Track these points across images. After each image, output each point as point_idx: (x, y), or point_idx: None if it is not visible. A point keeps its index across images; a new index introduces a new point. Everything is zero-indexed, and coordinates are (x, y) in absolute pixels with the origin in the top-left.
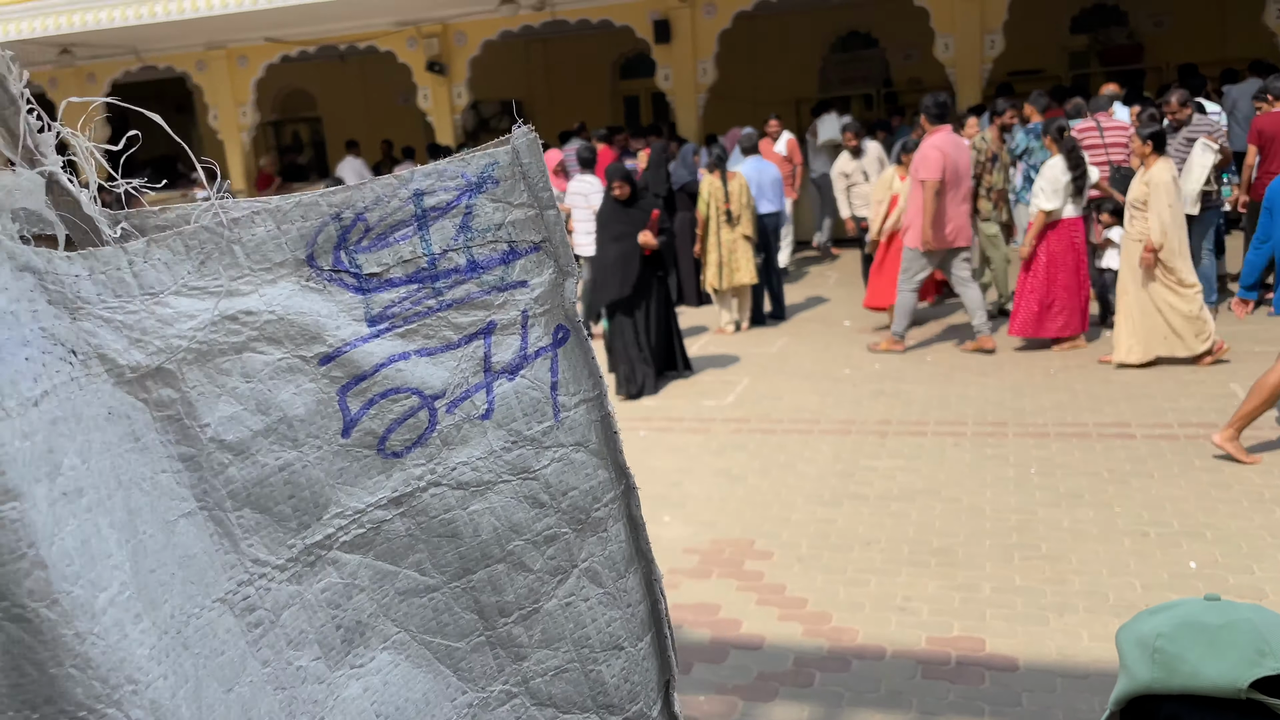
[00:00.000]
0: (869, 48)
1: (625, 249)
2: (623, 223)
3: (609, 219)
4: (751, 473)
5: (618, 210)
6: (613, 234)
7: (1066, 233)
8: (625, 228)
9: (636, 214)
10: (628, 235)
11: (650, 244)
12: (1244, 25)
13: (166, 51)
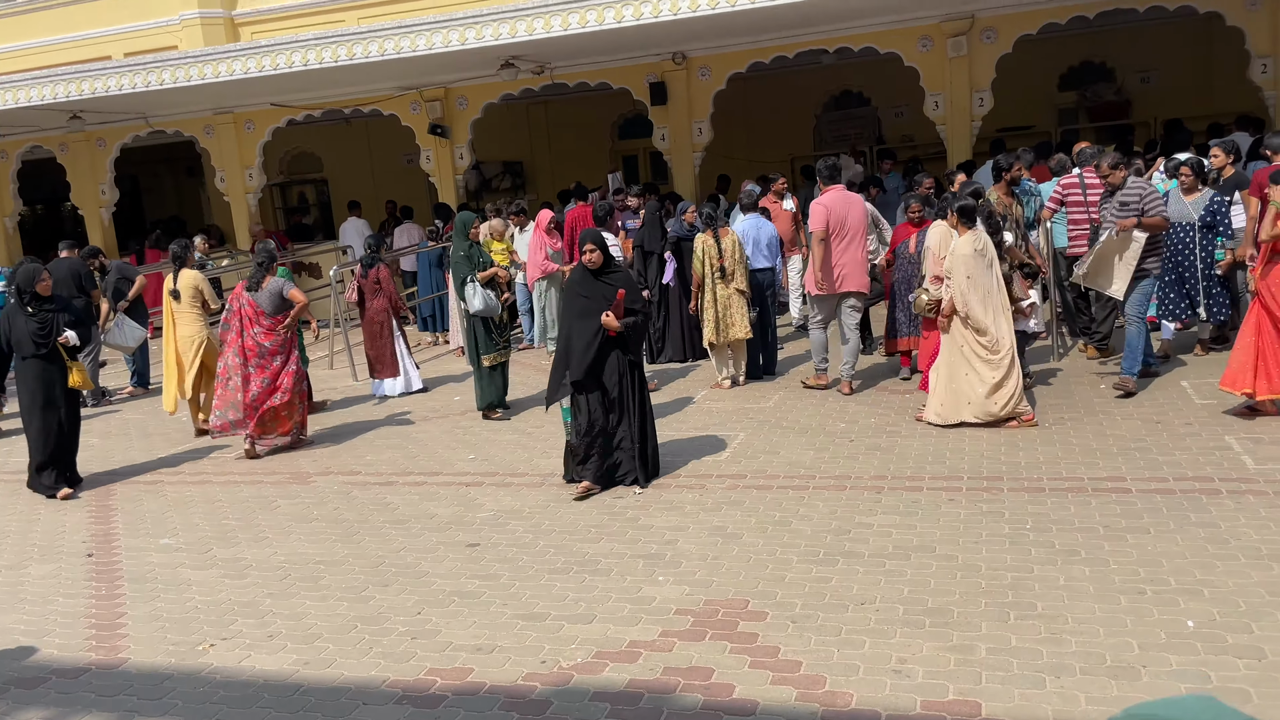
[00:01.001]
0: (861, 106)
1: (588, 328)
2: (589, 296)
3: (576, 290)
4: (747, 530)
5: (587, 281)
6: (578, 309)
7: None
8: (591, 303)
9: (605, 288)
10: (593, 313)
11: (611, 327)
12: (1229, 80)
13: (174, 116)
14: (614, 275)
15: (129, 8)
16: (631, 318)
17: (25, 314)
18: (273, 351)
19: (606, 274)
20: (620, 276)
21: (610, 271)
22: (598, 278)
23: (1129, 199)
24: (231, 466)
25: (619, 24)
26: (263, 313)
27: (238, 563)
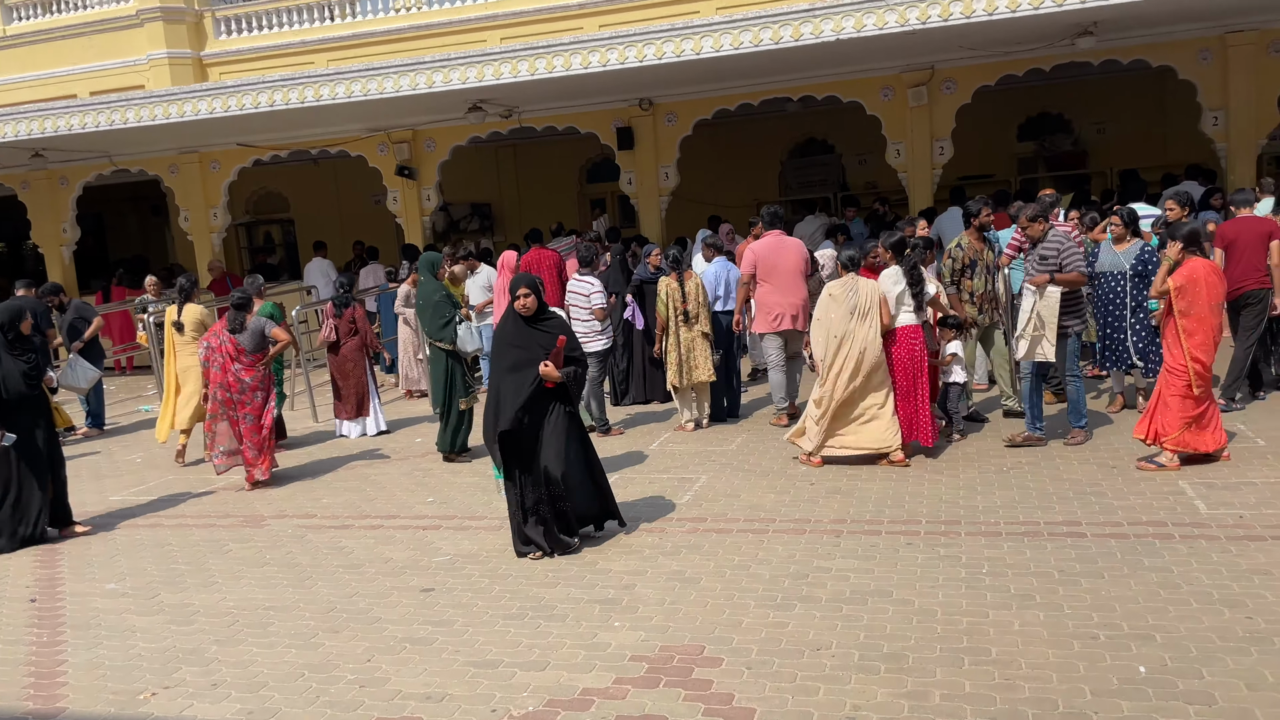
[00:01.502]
0: (826, 153)
1: (522, 380)
2: (523, 346)
3: (508, 340)
4: (705, 574)
5: (520, 328)
6: (509, 361)
7: (905, 342)
8: (524, 352)
9: (541, 336)
10: (526, 363)
11: (552, 377)
12: (1182, 132)
13: (139, 155)
14: (550, 322)
15: (96, 47)
16: (572, 367)
17: (11, 354)
18: (253, 388)
19: (541, 321)
20: (557, 323)
21: (545, 319)
22: (532, 325)
23: (1048, 253)
24: (184, 509)
25: (586, 70)
26: (243, 350)
27: (185, 608)
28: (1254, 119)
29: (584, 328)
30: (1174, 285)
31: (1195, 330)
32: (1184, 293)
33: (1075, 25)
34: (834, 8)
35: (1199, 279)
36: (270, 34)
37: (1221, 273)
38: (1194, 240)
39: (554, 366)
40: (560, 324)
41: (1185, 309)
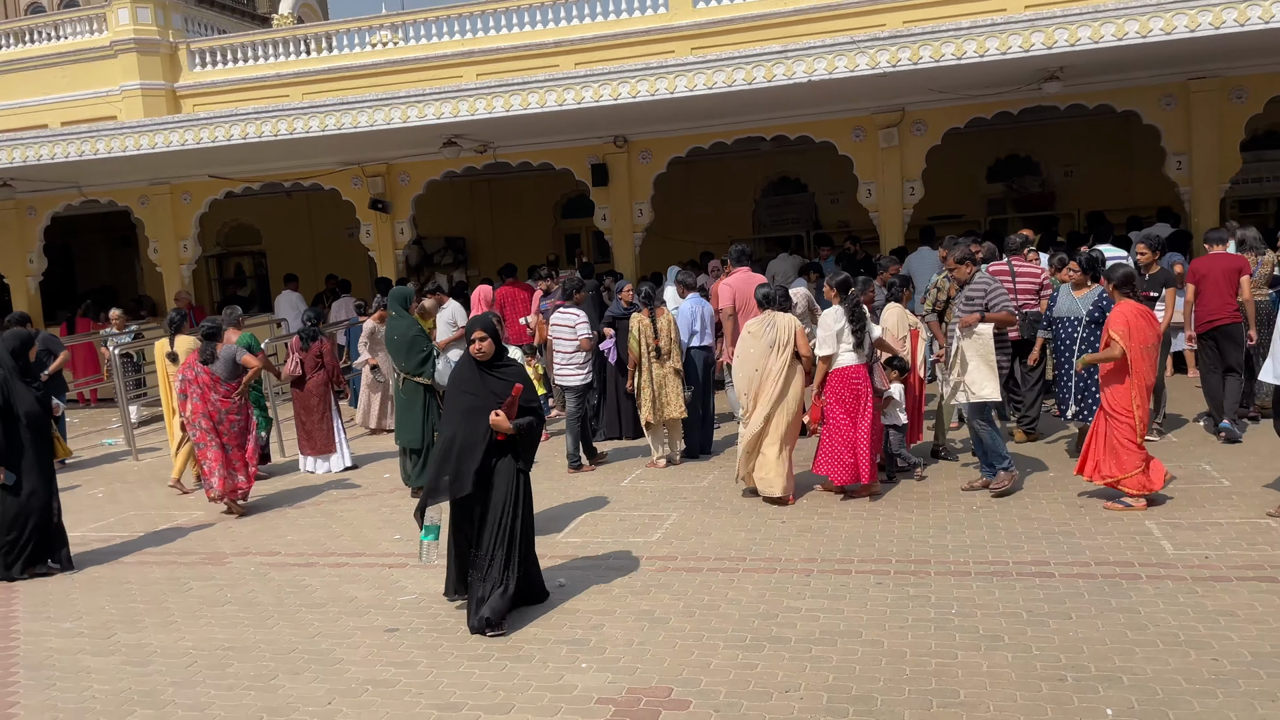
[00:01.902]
0: (799, 192)
1: (475, 429)
2: (476, 393)
3: (461, 386)
4: (675, 614)
5: (475, 374)
6: (462, 408)
7: (847, 380)
8: (477, 400)
9: (496, 383)
10: (479, 412)
11: (503, 429)
12: (1147, 176)
13: (109, 186)
14: (507, 369)
15: (69, 77)
16: (526, 418)
17: (23, 381)
18: (231, 417)
19: (498, 367)
20: (515, 370)
21: (503, 364)
22: (488, 371)
23: (974, 294)
24: (145, 545)
25: (560, 107)
26: (219, 379)
27: (142, 649)
28: (1217, 163)
29: (567, 360)
30: (1116, 333)
31: (1136, 374)
32: (1122, 338)
33: (1042, 70)
34: (806, 50)
35: (1130, 323)
36: (245, 66)
37: (1151, 315)
38: (1128, 283)
39: (506, 417)
40: (518, 371)
41: (1127, 353)
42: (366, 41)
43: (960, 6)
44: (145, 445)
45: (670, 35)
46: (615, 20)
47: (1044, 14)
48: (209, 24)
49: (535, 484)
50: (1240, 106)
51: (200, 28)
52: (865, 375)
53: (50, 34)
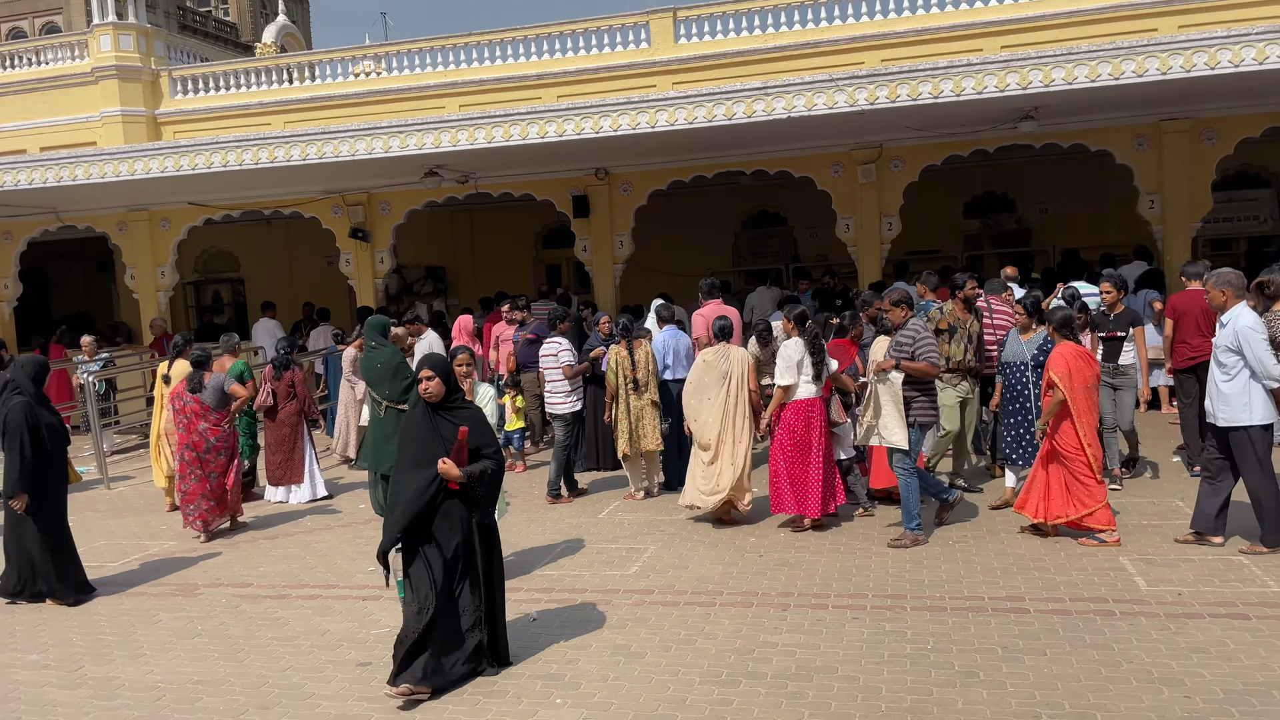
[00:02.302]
0: (778, 225)
1: (424, 478)
2: (425, 438)
3: (411, 431)
4: (651, 649)
5: (425, 417)
6: (411, 456)
7: (801, 412)
8: (426, 445)
9: (446, 426)
10: (428, 459)
11: (451, 477)
12: (1121, 214)
13: (87, 212)
14: (459, 411)
15: (49, 102)
16: (480, 465)
17: (46, 408)
18: (217, 447)
19: (449, 409)
20: (467, 413)
21: (455, 406)
22: (438, 413)
23: (904, 340)
24: (114, 576)
25: (542, 139)
26: (208, 408)
27: (109, 682)
28: (1188, 203)
29: (557, 388)
30: (1056, 375)
31: (1079, 413)
32: (1064, 379)
33: (1017, 110)
34: (786, 87)
35: (1069, 364)
36: (227, 94)
37: (1090, 356)
38: (1066, 326)
39: (453, 464)
40: (470, 414)
41: (1068, 394)
42: (350, 72)
43: (938, 46)
44: (117, 474)
45: (652, 70)
46: (598, 54)
47: (1019, 55)
48: (192, 51)
49: (513, 515)
50: (1211, 147)
51: (183, 55)
52: (820, 408)
53: (31, 59)
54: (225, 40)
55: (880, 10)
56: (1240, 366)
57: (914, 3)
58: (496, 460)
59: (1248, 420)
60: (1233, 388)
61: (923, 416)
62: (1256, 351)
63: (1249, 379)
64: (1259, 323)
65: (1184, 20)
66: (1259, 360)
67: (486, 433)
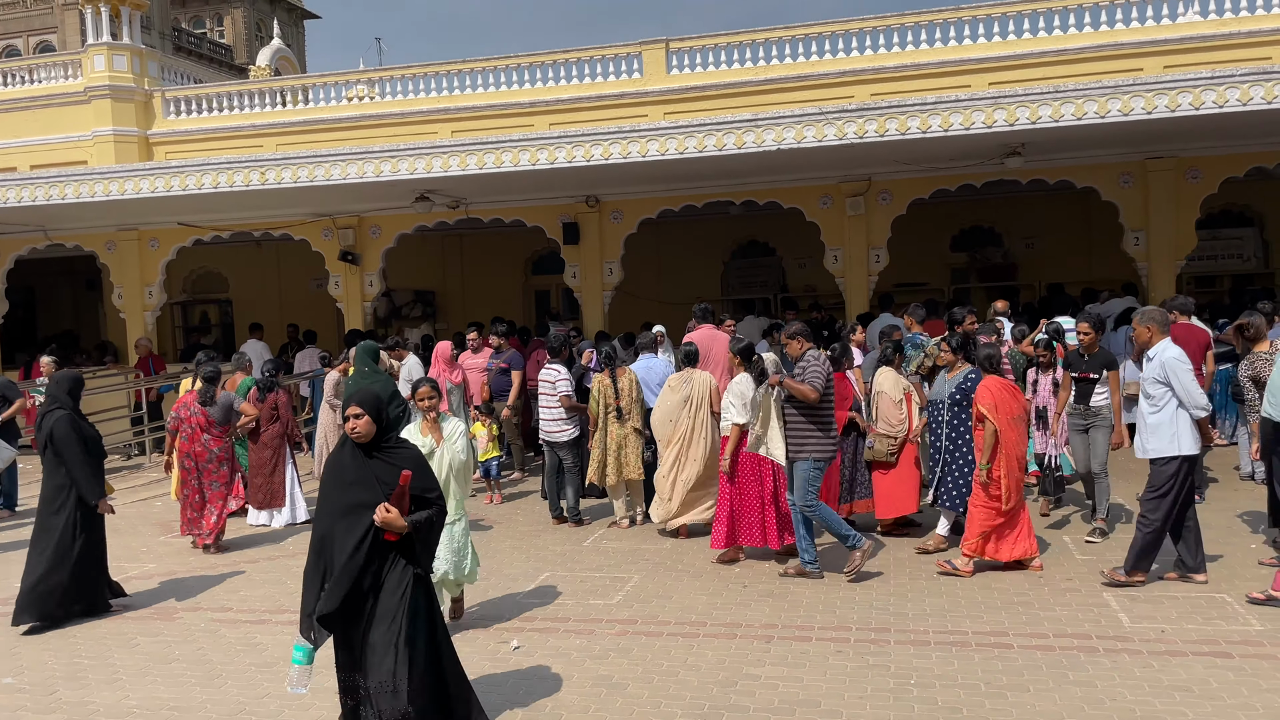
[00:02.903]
0: (767, 255)
1: (354, 529)
2: (357, 482)
3: (338, 474)
4: (633, 680)
5: (355, 459)
6: (339, 504)
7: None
8: (358, 494)
9: (383, 468)
10: (360, 507)
11: (394, 527)
12: (1106, 250)
13: (76, 231)
14: (395, 452)
15: (41, 121)
16: (423, 513)
17: (84, 421)
18: (220, 458)
19: (385, 450)
20: (406, 454)
21: (391, 446)
22: (370, 455)
23: (797, 370)
24: None
25: (533, 166)
26: (213, 422)
27: (84, 707)
28: (1173, 241)
29: (553, 415)
30: (984, 408)
31: (1004, 445)
32: (991, 412)
33: (1004, 146)
34: (776, 119)
35: (995, 396)
36: (220, 116)
37: (1016, 389)
38: (989, 361)
39: (397, 513)
40: (409, 455)
41: (995, 427)
42: (343, 95)
43: (927, 82)
44: None
45: (643, 100)
46: (590, 83)
47: (1007, 92)
48: (185, 73)
49: (498, 542)
50: (1195, 186)
51: (177, 76)
52: None
53: (24, 78)
54: (220, 62)
55: (870, 45)
56: (1168, 399)
57: (904, 38)
58: (439, 506)
59: (1174, 451)
60: (1160, 419)
61: (817, 452)
62: (1184, 381)
63: (1176, 410)
64: (1184, 354)
65: (1169, 61)
66: (1187, 391)
67: (428, 476)
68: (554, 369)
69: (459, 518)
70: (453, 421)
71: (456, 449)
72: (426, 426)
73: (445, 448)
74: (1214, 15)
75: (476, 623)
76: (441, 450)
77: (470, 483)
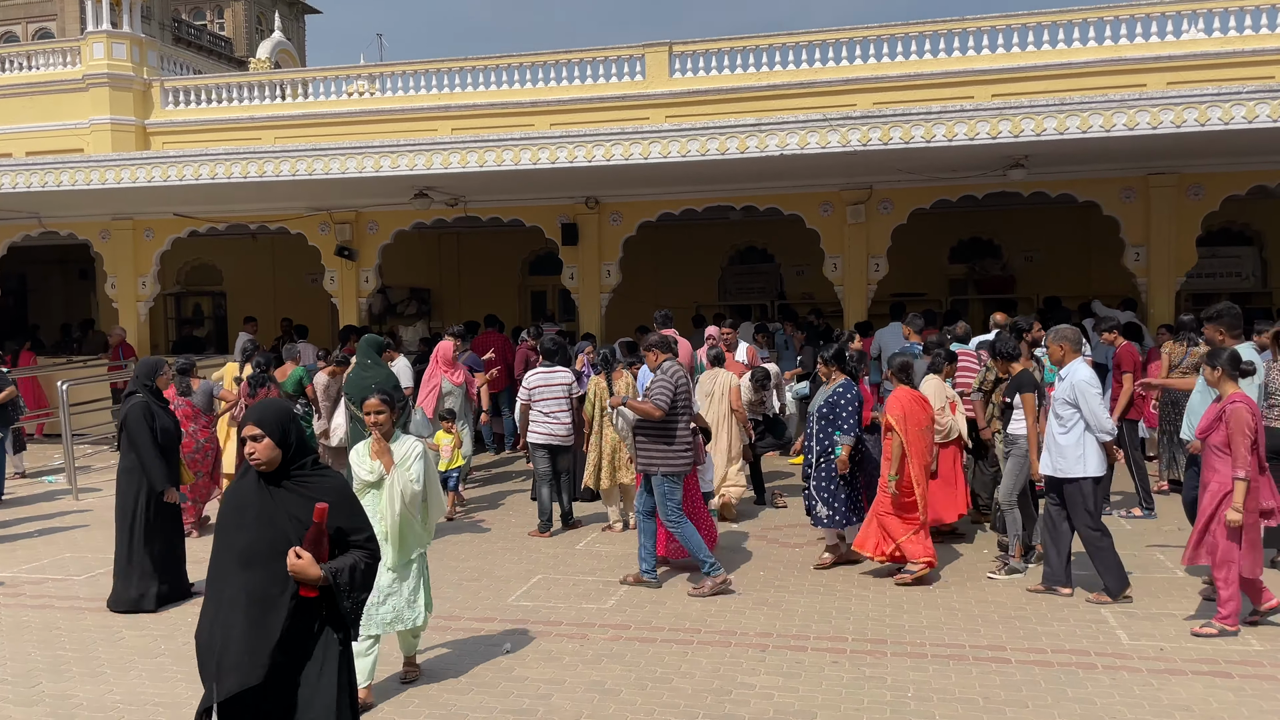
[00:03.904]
0: (765, 262)
1: (255, 585)
2: (260, 523)
3: (237, 514)
4: (626, 686)
5: (259, 493)
6: (234, 551)
7: None
8: (262, 533)
9: (294, 501)
10: (268, 554)
11: (306, 578)
12: (1105, 265)
13: (70, 219)
14: (310, 481)
15: (37, 108)
16: (349, 559)
17: (162, 408)
18: (206, 448)
19: (295, 479)
20: (324, 483)
21: (306, 474)
22: (281, 485)
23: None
24: (78, 589)
25: (534, 166)
26: (198, 410)
27: (67, 700)
28: (1173, 257)
29: (561, 419)
30: (892, 418)
31: (913, 455)
32: (899, 423)
33: (1008, 157)
34: (781, 124)
35: (904, 407)
36: (218, 108)
37: (924, 400)
38: (903, 371)
39: (310, 559)
40: (329, 483)
41: (904, 437)
42: (343, 90)
43: (930, 92)
44: (86, 485)
45: (645, 102)
46: (592, 85)
47: (1013, 103)
48: (185, 64)
49: (489, 544)
50: (1197, 203)
51: (176, 67)
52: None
53: (22, 64)
54: (219, 54)
55: (874, 54)
56: (1076, 419)
57: (907, 48)
58: (370, 550)
59: (1081, 473)
60: (1069, 440)
61: (665, 467)
62: (1091, 405)
63: (1084, 432)
64: (1094, 377)
65: (1172, 77)
66: (1093, 414)
67: (354, 512)
68: (556, 371)
69: (417, 556)
70: (407, 442)
71: (410, 477)
72: (376, 448)
73: (397, 474)
74: (1218, 33)
75: (464, 626)
76: (393, 478)
77: (440, 509)
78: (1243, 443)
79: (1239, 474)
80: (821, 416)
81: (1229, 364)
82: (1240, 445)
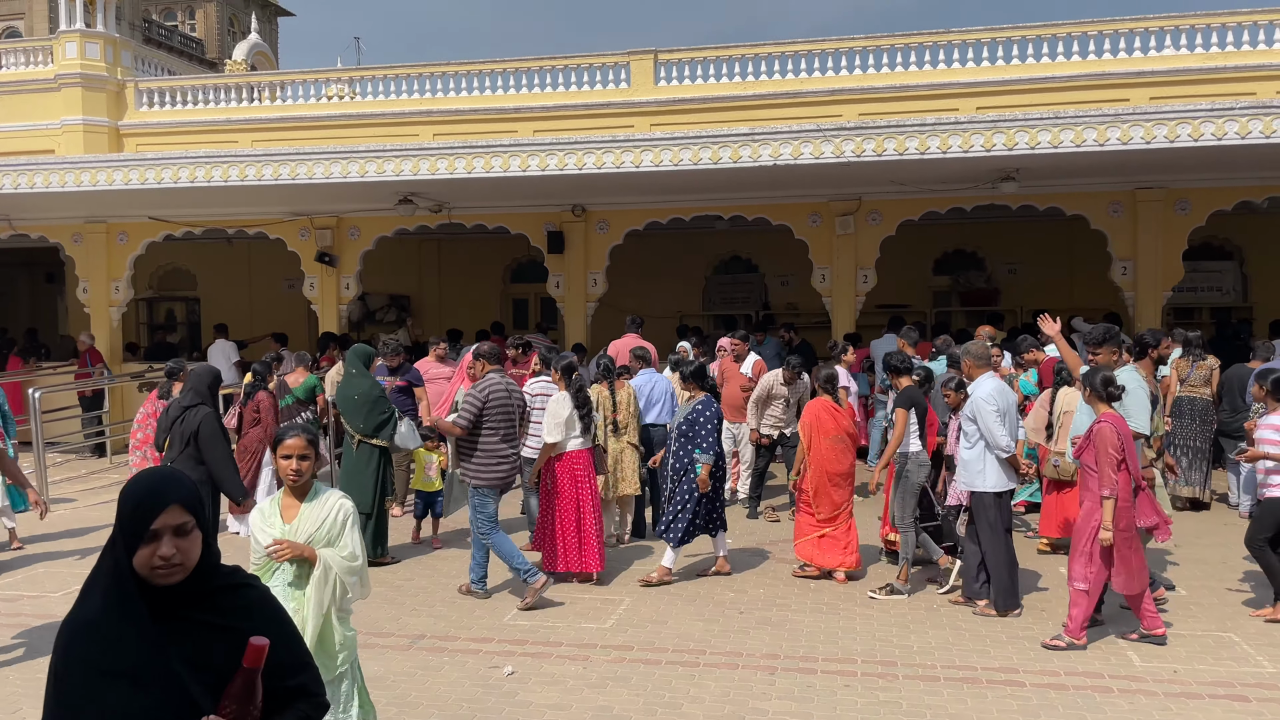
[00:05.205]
0: (750, 272)
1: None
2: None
3: (91, 658)
4: (635, 711)
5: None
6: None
7: (568, 465)
8: (151, 690)
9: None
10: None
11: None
12: (1089, 278)
13: (41, 222)
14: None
15: (6, 108)
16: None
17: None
18: None
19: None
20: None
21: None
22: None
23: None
24: (54, 608)
25: (522, 173)
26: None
27: None
28: (1160, 271)
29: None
30: (801, 424)
31: (814, 460)
32: (806, 429)
33: (1000, 170)
34: (772, 134)
35: (817, 415)
36: (194, 110)
37: (837, 410)
38: (829, 382)
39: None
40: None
41: (807, 443)
42: (321, 93)
43: (915, 104)
44: (59, 495)
45: (630, 110)
46: (576, 91)
47: (1005, 116)
48: (159, 64)
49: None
50: (1184, 218)
51: (150, 67)
52: (588, 460)
53: None
54: (190, 56)
55: (860, 65)
56: (978, 435)
57: (893, 59)
58: (316, 700)
59: (981, 486)
60: (971, 455)
61: (475, 479)
62: (987, 422)
63: (985, 448)
64: (992, 395)
65: (1155, 93)
66: (989, 430)
67: (292, 642)
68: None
69: (346, 667)
70: (331, 497)
71: (344, 554)
72: (289, 503)
73: (327, 556)
74: (1200, 49)
75: (461, 647)
76: (321, 564)
77: (367, 585)
78: (1108, 462)
79: (1104, 493)
80: (681, 434)
81: (1101, 385)
82: (1106, 465)
